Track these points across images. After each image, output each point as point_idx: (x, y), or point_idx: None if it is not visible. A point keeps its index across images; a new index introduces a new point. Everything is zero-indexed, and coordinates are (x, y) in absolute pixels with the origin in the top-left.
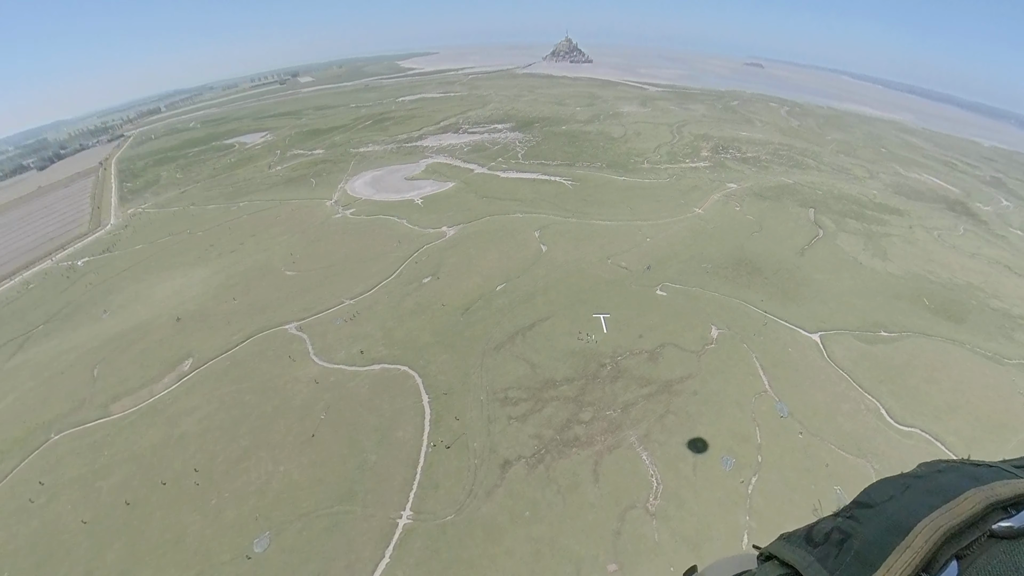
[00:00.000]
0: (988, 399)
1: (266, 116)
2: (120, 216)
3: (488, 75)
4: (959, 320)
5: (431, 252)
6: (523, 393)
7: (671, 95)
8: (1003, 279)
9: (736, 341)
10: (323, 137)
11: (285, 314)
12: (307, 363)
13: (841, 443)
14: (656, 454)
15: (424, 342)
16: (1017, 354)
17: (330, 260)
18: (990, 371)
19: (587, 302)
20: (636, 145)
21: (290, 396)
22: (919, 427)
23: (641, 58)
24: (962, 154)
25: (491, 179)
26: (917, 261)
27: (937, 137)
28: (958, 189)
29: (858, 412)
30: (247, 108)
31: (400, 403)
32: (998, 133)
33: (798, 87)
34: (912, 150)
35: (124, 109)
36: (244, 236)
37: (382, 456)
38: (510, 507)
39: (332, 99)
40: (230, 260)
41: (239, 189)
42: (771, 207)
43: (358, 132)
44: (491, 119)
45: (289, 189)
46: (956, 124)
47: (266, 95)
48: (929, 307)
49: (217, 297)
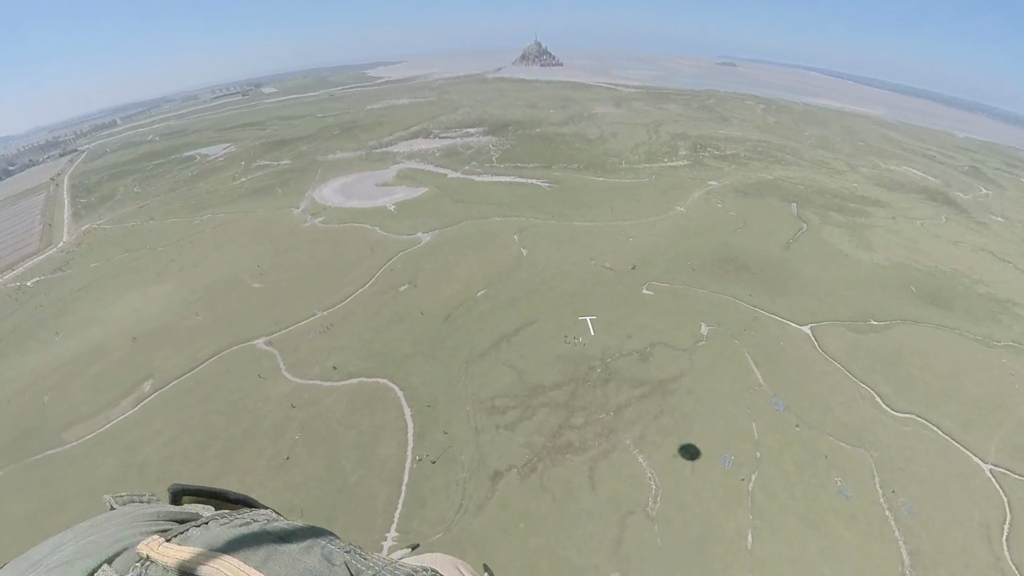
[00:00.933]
0: (980, 382)
1: (228, 127)
2: (73, 233)
3: (457, 80)
4: (947, 306)
5: (407, 259)
6: (511, 401)
7: (645, 95)
8: (987, 264)
9: (727, 337)
10: (289, 147)
11: (253, 329)
12: (279, 380)
13: (839, 434)
14: (653, 456)
15: (404, 353)
16: (1006, 336)
17: (300, 271)
18: (981, 354)
19: (572, 304)
20: (613, 146)
21: (261, 416)
22: (915, 413)
23: (611, 60)
24: (938, 145)
25: (466, 183)
26: (902, 250)
27: (913, 129)
28: (937, 179)
29: (853, 402)
30: (208, 120)
31: (381, 418)
32: (971, 124)
33: (772, 85)
34: (889, 143)
35: (76, 123)
36: (207, 249)
37: (363, 475)
38: (503, 520)
39: (297, 109)
40: (193, 274)
41: (201, 202)
42: (754, 203)
43: (325, 141)
44: (463, 123)
45: (255, 200)
46: (930, 117)
47: (228, 106)
48: (917, 295)
49: (179, 314)
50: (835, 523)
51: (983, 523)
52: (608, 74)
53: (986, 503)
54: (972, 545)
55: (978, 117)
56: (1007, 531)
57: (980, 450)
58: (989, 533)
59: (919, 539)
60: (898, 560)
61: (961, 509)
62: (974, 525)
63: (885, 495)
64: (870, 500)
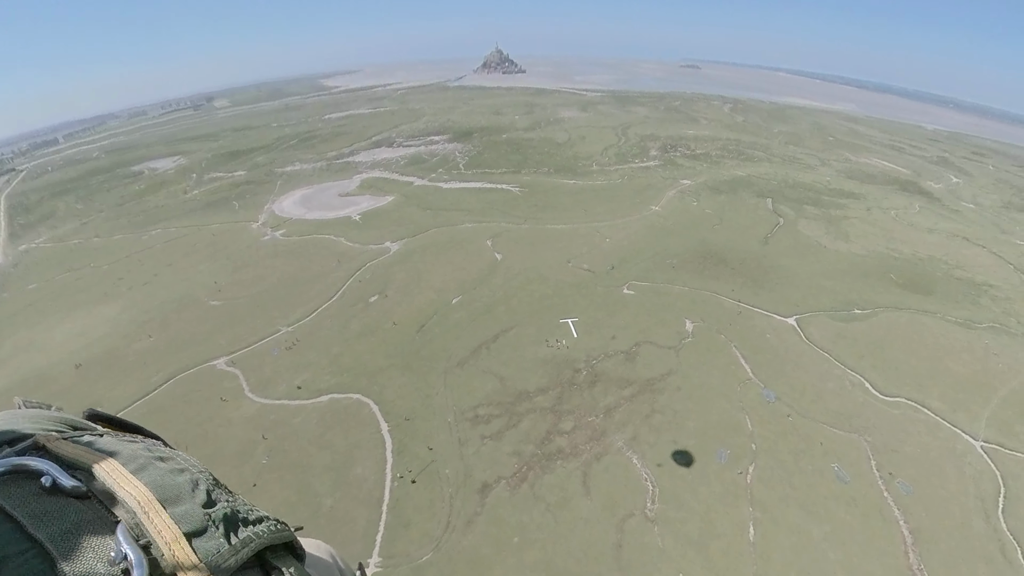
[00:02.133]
0: (965, 363)
1: (179, 140)
2: (9, 254)
3: (418, 89)
4: (927, 292)
5: (375, 269)
6: (495, 409)
7: (611, 99)
8: (963, 250)
9: (712, 332)
10: (244, 158)
11: (212, 349)
12: (242, 402)
13: (832, 421)
14: (647, 456)
15: (377, 366)
16: (986, 318)
17: (261, 286)
18: (963, 336)
19: (552, 308)
20: (582, 149)
21: (224, 442)
22: (904, 396)
23: (574, 66)
24: (907, 138)
25: (433, 191)
26: (879, 240)
27: (881, 123)
28: (908, 170)
29: (844, 389)
30: (157, 134)
31: (356, 436)
32: (939, 117)
33: (737, 85)
34: (859, 137)
35: (13, 142)
36: (159, 266)
37: (340, 498)
38: (495, 535)
39: (251, 120)
40: (143, 293)
41: (151, 217)
42: (728, 200)
43: (283, 151)
44: (426, 131)
45: (209, 213)
46: (898, 111)
47: (178, 120)
48: (897, 282)
49: (129, 336)
50: (836, 508)
51: (979, 497)
52: (571, 80)
53: (980, 478)
54: (970, 519)
55: (944, 110)
56: (1002, 504)
57: (970, 428)
58: (985, 506)
59: (919, 517)
60: (900, 539)
61: (956, 485)
62: (970, 500)
63: (882, 477)
64: (868, 483)
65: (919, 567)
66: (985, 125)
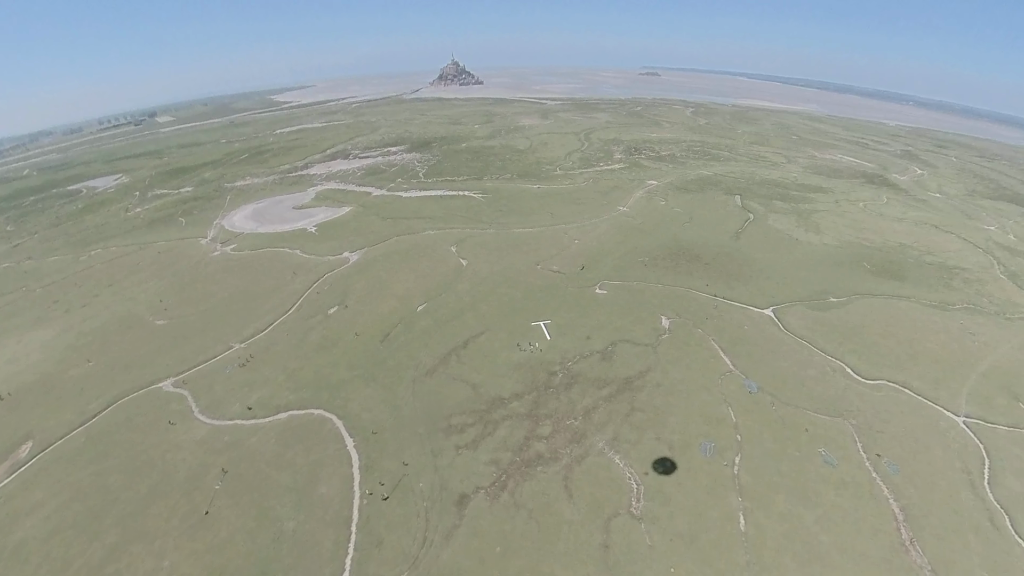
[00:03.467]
0: (942, 343)
1: (119, 158)
2: None
3: (373, 102)
4: (900, 277)
5: (334, 280)
6: (469, 417)
7: (571, 106)
8: (932, 236)
9: (690, 327)
10: (191, 174)
11: (158, 370)
12: (191, 424)
13: (816, 407)
14: (630, 455)
15: (339, 379)
16: (959, 299)
17: (211, 302)
18: (938, 318)
19: (523, 311)
20: (545, 154)
21: (172, 469)
22: (885, 379)
23: (533, 76)
24: (871, 134)
25: (393, 200)
26: (849, 231)
27: (844, 122)
28: (873, 164)
29: (825, 375)
30: (96, 151)
31: (318, 453)
32: (900, 114)
33: (698, 90)
34: (822, 135)
35: None
36: (99, 287)
37: (303, 521)
38: (476, 547)
39: (198, 136)
40: (81, 316)
41: (89, 236)
42: (697, 198)
43: (232, 166)
44: (383, 143)
45: (153, 231)
46: (860, 109)
47: (118, 137)
48: (870, 270)
49: (65, 361)
50: (826, 492)
51: (965, 471)
52: (530, 89)
53: (964, 452)
54: (958, 492)
55: (905, 107)
56: (987, 475)
57: (952, 405)
58: (972, 480)
59: (908, 495)
60: (891, 517)
61: (942, 461)
62: (957, 474)
63: (869, 458)
64: (856, 465)
65: (912, 543)
66: (945, 120)
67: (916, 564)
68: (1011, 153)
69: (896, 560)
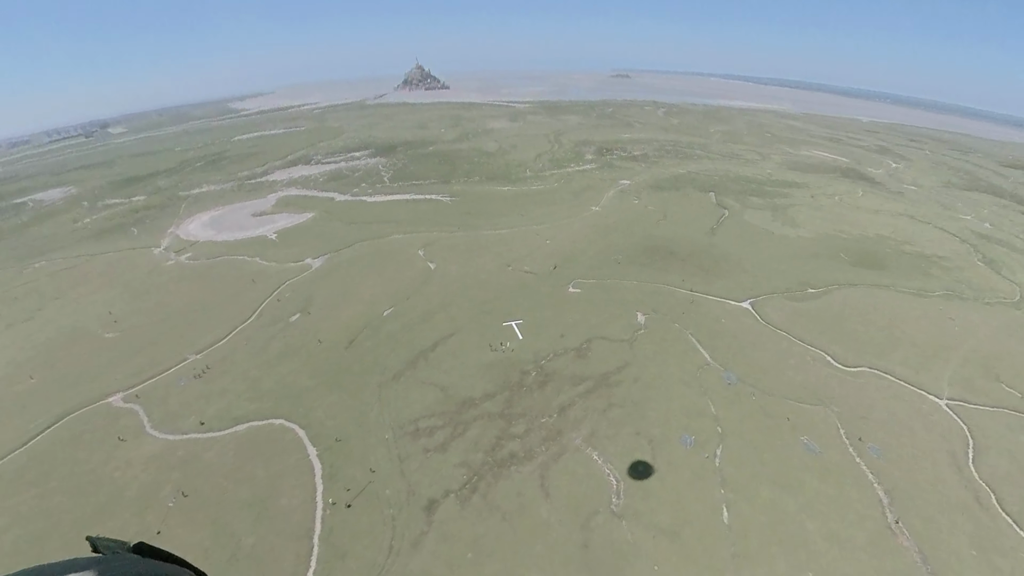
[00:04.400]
0: (922, 329)
1: (69, 170)
2: None
3: (336, 108)
4: (879, 267)
5: (296, 287)
6: (438, 420)
7: (541, 109)
8: (909, 227)
9: (666, 322)
10: (144, 183)
11: (107, 385)
12: (143, 440)
13: (796, 395)
14: (608, 451)
15: (302, 387)
16: (938, 287)
17: (164, 313)
18: (918, 304)
19: (494, 312)
20: (515, 157)
21: (121, 487)
22: (866, 365)
23: (501, 80)
24: (845, 130)
25: (357, 205)
26: (826, 223)
27: (817, 119)
28: (848, 159)
29: (805, 364)
30: (43, 164)
31: (279, 464)
32: (874, 110)
33: (670, 91)
34: (796, 132)
35: None
36: (44, 300)
37: (263, 535)
38: (446, 553)
39: (152, 145)
40: (24, 331)
41: (34, 249)
42: (671, 196)
43: (188, 175)
44: (347, 148)
45: (103, 242)
46: (833, 107)
47: (67, 149)
48: (848, 261)
49: (6, 378)
50: (809, 479)
51: (949, 452)
52: (499, 93)
53: (948, 433)
54: (943, 473)
55: (879, 104)
56: (972, 455)
57: (934, 388)
58: (956, 460)
59: (892, 478)
60: (876, 501)
61: (926, 443)
62: (941, 455)
63: (852, 444)
64: (839, 452)
65: (898, 525)
66: (919, 115)
67: (903, 546)
68: (984, 146)
69: (883, 543)
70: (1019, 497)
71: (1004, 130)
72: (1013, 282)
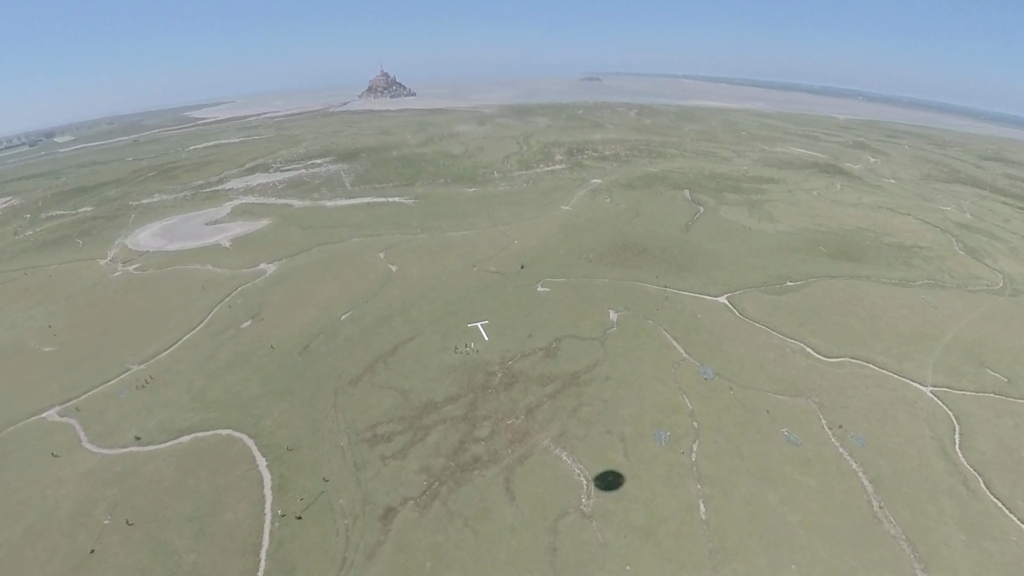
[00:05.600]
0: (904, 317)
1: (9, 180)
2: None
3: (297, 116)
4: (858, 259)
5: (248, 293)
6: (397, 426)
7: (509, 112)
8: (889, 219)
9: (639, 319)
10: (91, 194)
11: (42, 399)
12: (78, 455)
13: (776, 388)
14: (577, 450)
15: (251, 395)
16: (920, 276)
17: (108, 324)
18: (900, 294)
19: (457, 313)
20: (481, 159)
21: (53, 506)
22: (848, 355)
23: (469, 86)
24: (821, 127)
25: (316, 210)
26: (804, 217)
27: (793, 117)
28: (825, 155)
29: (784, 356)
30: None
31: (224, 476)
32: (848, 108)
33: (641, 93)
34: (772, 130)
35: None
36: None
37: (205, 552)
38: (403, 563)
39: (101, 155)
40: None
41: None
42: (643, 194)
43: (139, 184)
44: (307, 155)
45: (45, 254)
46: (808, 105)
47: (9, 159)
48: (827, 253)
49: None
50: (790, 471)
51: (935, 438)
52: (466, 99)
53: (934, 420)
54: (929, 460)
55: (853, 101)
56: (958, 440)
57: (918, 376)
58: (943, 446)
59: (877, 466)
60: (861, 490)
61: (911, 431)
62: (927, 441)
63: (835, 434)
64: (821, 442)
65: (883, 513)
66: (895, 112)
67: (889, 534)
68: (962, 140)
69: (868, 532)
70: (1008, 480)
71: (982, 125)
72: (996, 269)
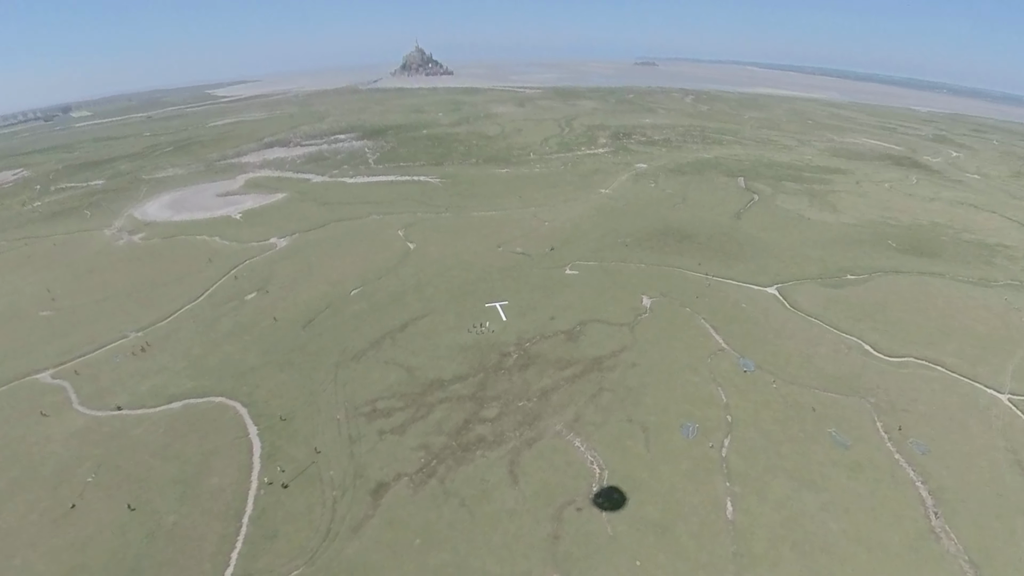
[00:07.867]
0: (982, 319)
1: (22, 153)
2: None
3: (324, 93)
4: (932, 255)
5: (256, 266)
6: (398, 402)
7: (552, 95)
8: (970, 215)
9: (675, 306)
10: (103, 167)
11: (35, 361)
12: (67, 415)
13: (825, 385)
14: (593, 437)
15: (249, 365)
16: (1003, 276)
17: (107, 292)
18: (979, 294)
19: (475, 293)
20: (518, 140)
21: (38, 462)
22: (912, 355)
23: (511, 67)
24: (899, 120)
25: (334, 186)
26: (872, 210)
27: (868, 108)
28: (901, 147)
29: (838, 352)
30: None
31: (213, 442)
32: (932, 101)
33: (700, 79)
34: (843, 120)
35: None
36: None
37: (186, 514)
38: (390, 539)
39: (118, 130)
40: None
41: None
42: (692, 180)
43: (154, 158)
44: (330, 131)
45: (53, 224)
46: (886, 97)
47: (23, 132)
48: (896, 248)
49: None
50: (835, 475)
51: (1010, 450)
52: (507, 80)
53: (1010, 430)
54: (1001, 473)
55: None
56: None
57: (994, 382)
58: (1019, 459)
59: (939, 476)
60: (918, 501)
61: (982, 440)
62: (1000, 453)
63: (892, 439)
64: (874, 446)
65: (944, 529)
66: (985, 106)
67: (948, 552)
68: None
69: (923, 548)
70: None
71: None
72: None
